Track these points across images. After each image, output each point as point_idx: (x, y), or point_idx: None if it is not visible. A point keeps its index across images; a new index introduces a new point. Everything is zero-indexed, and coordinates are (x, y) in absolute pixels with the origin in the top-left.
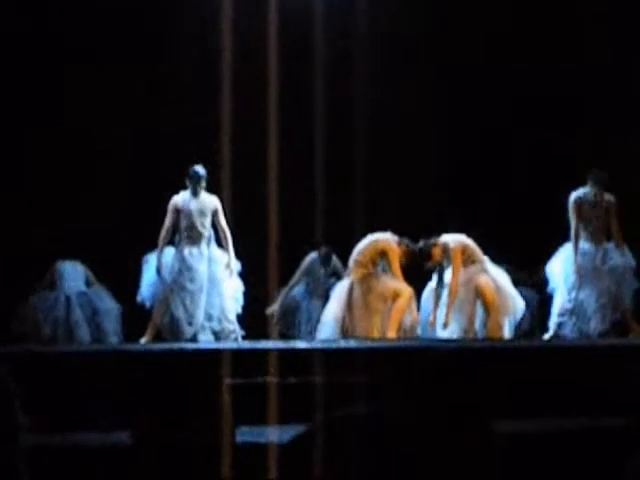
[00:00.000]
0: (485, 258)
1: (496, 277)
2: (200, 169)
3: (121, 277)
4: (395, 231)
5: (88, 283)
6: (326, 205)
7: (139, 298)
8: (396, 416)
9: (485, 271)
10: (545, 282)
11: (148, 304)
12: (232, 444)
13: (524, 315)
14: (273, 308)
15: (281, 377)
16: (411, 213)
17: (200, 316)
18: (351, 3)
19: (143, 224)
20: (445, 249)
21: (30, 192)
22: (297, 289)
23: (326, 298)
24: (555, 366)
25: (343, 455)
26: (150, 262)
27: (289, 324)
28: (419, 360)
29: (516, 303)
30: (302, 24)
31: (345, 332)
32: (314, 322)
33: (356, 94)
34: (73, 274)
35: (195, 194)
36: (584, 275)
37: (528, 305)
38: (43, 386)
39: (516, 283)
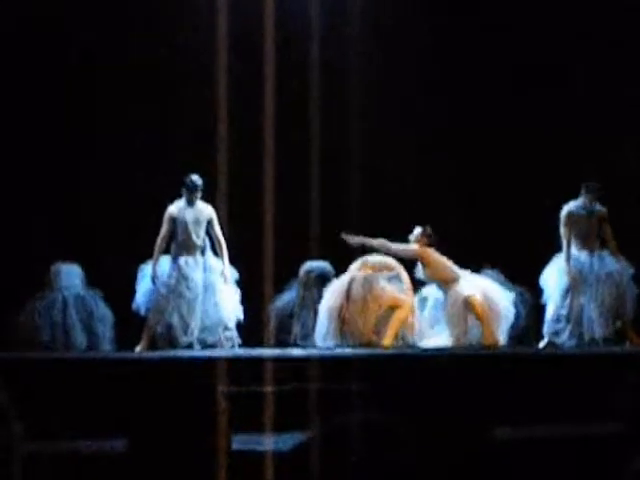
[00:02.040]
0: None
1: (478, 283)
2: (197, 179)
3: (117, 286)
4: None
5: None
6: (322, 213)
7: (134, 306)
8: (393, 424)
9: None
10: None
11: (143, 311)
12: (228, 452)
13: (519, 317)
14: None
15: (277, 385)
16: (409, 219)
17: (196, 325)
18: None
19: (139, 233)
20: None
21: (28, 197)
22: (291, 297)
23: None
24: (553, 373)
25: (341, 463)
26: (145, 272)
27: (285, 331)
28: (415, 368)
29: (505, 306)
30: (300, 32)
31: (343, 322)
32: (308, 329)
33: (353, 100)
34: (70, 275)
35: (190, 203)
36: (581, 282)
37: (523, 304)
38: (37, 394)
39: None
